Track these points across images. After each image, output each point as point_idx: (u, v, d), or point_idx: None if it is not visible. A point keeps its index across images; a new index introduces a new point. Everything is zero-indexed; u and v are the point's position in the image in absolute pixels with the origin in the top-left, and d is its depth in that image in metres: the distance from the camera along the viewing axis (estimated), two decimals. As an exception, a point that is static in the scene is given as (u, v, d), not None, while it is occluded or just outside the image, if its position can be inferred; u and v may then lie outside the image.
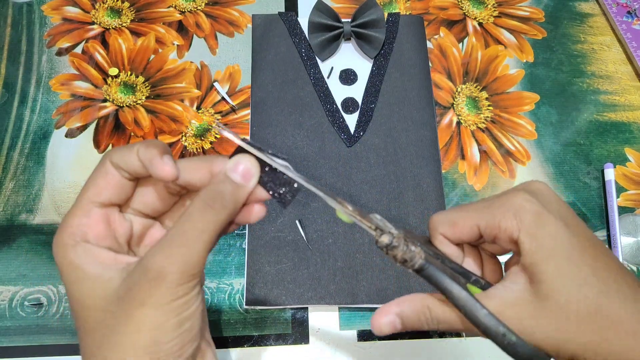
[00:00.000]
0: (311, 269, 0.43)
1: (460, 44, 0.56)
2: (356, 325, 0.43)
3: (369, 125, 0.49)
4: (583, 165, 0.50)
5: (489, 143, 0.51)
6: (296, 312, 0.43)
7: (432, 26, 0.57)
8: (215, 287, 0.44)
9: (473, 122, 0.52)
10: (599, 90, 0.54)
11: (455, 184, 0.49)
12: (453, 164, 0.50)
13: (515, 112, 0.53)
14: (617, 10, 0.58)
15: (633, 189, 0.49)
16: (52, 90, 0.52)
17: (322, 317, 0.43)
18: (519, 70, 0.55)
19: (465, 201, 0.48)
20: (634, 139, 0.52)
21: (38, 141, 0.49)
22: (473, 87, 0.54)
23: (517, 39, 0.57)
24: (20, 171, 0.48)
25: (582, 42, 0.57)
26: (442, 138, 0.51)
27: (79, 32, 0.55)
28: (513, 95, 0.54)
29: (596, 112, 0.53)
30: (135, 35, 0.55)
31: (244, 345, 0.42)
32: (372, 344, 0.42)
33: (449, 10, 0.58)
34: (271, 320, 0.42)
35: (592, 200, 0.49)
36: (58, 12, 0.56)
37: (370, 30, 0.51)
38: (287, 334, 0.42)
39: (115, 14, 0.56)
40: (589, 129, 0.52)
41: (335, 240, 0.44)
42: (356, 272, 0.43)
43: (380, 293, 0.42)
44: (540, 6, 0.59)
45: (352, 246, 0.44)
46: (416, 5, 0.58)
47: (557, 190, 0.49)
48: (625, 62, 0.56)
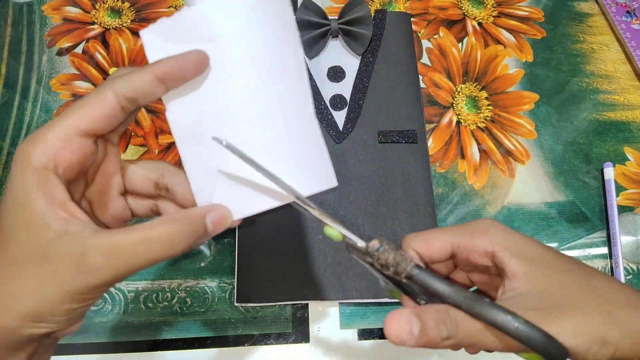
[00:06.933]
0: (301, 266, 0.43)
1: (459, 43, 0.56)
2: (356, 324, 0.43)
3: (357, 122, 0.49)
4: (582, 164, 0.50)
5: (489, 142, 0.51)
6: (297, 310, 0.43)
7: (432, 26, 0.57)
8: (216, 286, 0.44)
9: (473, 122, 0.52)
10: (598, 90, 0.54)
11: (455, 183, 0.49)
12: (453, 164, 0.50)
13: (515, 112, 0.53)
14: (616, 9, 0.58)
15: (632, 188, 0.49)
16: (53, 90, 0.52)
17: (323, 316, 0.43)
18: (518, 70, 0.55)
19: (465, 201, 0.48)
20: (633, 138, 0.52)
21: (39, 141, 0.49)
22: (473, 87, 0.54)
23: (516, 38, 0.57)
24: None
25: (581, 41, 0.57)
26: (441, 137, 0.51)
27: (80, 32, 0.55)
28: (512, 95, 0.54)
29: (595, 111, 0.53)
30: (135, 36, 0.55)
31: (244, 344, 0.42)
32: (372, 342, 0.42)
33: (448, 10, 0.58)
34: (272, 319, 0.43)
35: (592, 199, 0.49)
36: (58, 12, 0.56)
37: (357, 27, 0.52)
38: (287, 333, 0.42)
39: (115, 14, 0.56)
40: (589, 128, 0.52)
41: (325, 236, 0.44)
42: (346, 268, 0.43)
43: (371, 288, 0.42)
44: (539, 6, 0.59)
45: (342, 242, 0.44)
46: (416, 5, 0.58)
47: (557, 190, 0.49)
48: (624, 62, 0.56)
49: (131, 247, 0.22)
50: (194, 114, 0.26)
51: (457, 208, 0.48)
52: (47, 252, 0.22)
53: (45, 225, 0.22)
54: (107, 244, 0.22)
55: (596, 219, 0.48)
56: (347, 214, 0.45)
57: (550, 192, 0.49)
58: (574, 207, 0.48)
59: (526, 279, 0.24)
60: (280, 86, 0.26)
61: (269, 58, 0.26)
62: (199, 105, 0.26)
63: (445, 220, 0.47)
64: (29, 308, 0.22)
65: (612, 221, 0.47)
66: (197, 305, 0.43)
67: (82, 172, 0.25)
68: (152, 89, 0.24)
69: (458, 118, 0.52)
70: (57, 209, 0.22)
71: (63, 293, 0.22)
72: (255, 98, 0.26)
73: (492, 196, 0.48)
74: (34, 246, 0.22)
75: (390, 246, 0.24)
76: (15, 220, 0.22)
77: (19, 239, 0.22)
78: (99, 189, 0.27)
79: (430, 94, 0.53)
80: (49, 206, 0.22)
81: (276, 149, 0.26)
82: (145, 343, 0.41)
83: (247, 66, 0.25)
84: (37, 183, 0.22)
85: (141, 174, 0.28)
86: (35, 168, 0.22)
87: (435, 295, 0.23)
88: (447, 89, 0.53)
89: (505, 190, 0.49)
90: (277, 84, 0.26)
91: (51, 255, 0.22)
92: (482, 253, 0.26)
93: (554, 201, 0.48)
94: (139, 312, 0.43)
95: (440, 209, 0.47)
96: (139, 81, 0.24)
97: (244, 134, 0.26)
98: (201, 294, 0.43)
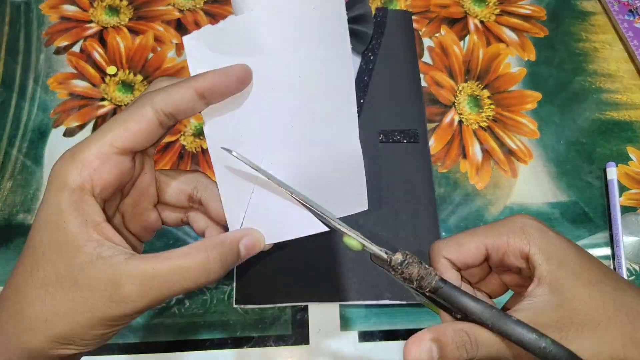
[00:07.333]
0: (301, 267, 0.42)
1: (461, 42, 0.56)
2: (357, 326, 0.42)
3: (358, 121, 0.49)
4: (585, 164, 0.50)
5: (491, 142, 0.50)
6: (296, 312, 0.43)
7: (434, 24, 0.57)
8: (215, 287, 0.43)
9: (475, 121, 0.51)
10: (601, 89, 0.54)
11: (457, 183, 0.48)
12: (455, 163, 0.49)
13: (517, 111, 0.52)
14: (618, 8, 0.58)
15: (635, 188, 0.49)
16: (50, 89, 0.51)
17: (323, 318, 0.42)
18: (520, 69, 0.55)
19: (467, 201, 0.47)
20: (636, 138, 0.51)
21: (36, 140, 0.49)
22: (475, 86, 0.53)
23: (518, 37, 0.57)
24: (17, 171, 0.48)
25: (583, 40, 0.57)
26: (443, 137, 0.50)
27: (77, 30, 0.55)
28: (515, 94, 0.53)
29: (598, 110, 0.53)
30: (133, 34, 0.54)
31: (243, 346, 0.41)
32: (373, 344, 0.42)
33: (450, 8, 0.58)
34: (271, 321, 0.42)
35: (595, 199, 0.48)
36: (56, 10, 0.56)
37: (358, 26, 0.51)
38: (287, 335, 0.42)
39: (113, 12, 0.56)
40: (591, 127, 0.52)
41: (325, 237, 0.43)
42: (347, 270, 0.42)
43: (371, 290, 0.42)
44: (542, 4, 0.59)
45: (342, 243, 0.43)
46: (417, 3, 0.58)
47: (559, 190, 0.49)
48: (627, 61, 0.56)
49: (167, 277, 0.22)
50: (232, 132, 0.25)
51: (459, 208, 0.47)
52: (79, 277, 0.22)
53: (78, 248, 0.22)
54: (142, 272, 0.22)
55: (599, 219, 0.47)
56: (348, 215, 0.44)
57: (552, 192, 0.48)
58: (577, 207, 0.48)
59: (551, 288, 0.23)
60: (327, 110, 0.25)
61: (318, 78, 0.24)
62: (239, 124, 0.25)
63: (447, 221, 0.47)
64: (59, 332, 0.22)
65: (614, 221, 0.46)
66: (195, 307, 0.42)
67: (119, 189, 0.25)
68: (192, 104, 0.23)
69: (460, 117, 0.51)
70: (91, 230, 0.22)
71: (94, 320, 0.22)
72: (299, 121, 0.24)
73: (494, 196, 0.48)
74: (66, 268, 0.22)
75: (414, 259, 0.24)
76: (49, 240, 0.22)
77: (52, 259, 0.22)
78: (134, 202, 0.27)
79: (432, 92, 0.53)
80: (82, 228, 0.22)
81: (315, 174, 0.25)
82: (143, 345, 0.41)
83: (294, 87, 0.24)
84: (72, 204, 0.22)
85: (176, 187, 0.28)
86: (72, 189, 0.22)
87: (459, 309, 0.23)
88: (448, 87, 0.53)
89: (507, 190, 0.48)
90: (323, 107, 0.25)
91: (83, 281, 0.21)
92: (518, 254, 0.24)
93: (556, 201, 0.48)
94: (137, 313, 0.42)
95: (442, 210, 0.47)
96: (179, 97, 0.23)
97: (284, 156, 0.25)
98: (200, 295, 0.43)
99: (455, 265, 0.26)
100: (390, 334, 0.42)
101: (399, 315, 0.42)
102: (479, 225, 0.46)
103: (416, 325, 0.42)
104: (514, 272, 0.27)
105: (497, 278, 0.28)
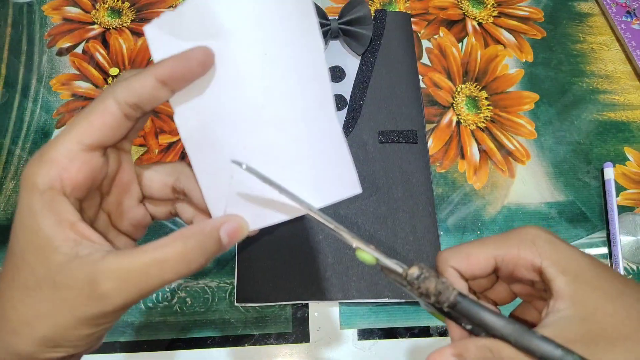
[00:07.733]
0: (301, 265, 0.43)
1: (459, 43, 0.56)
2: (356, 324, 0.43)
3: (357, 122, 0.49)
4: (583, 164, 0.50)
5: (489, 142, 0.51)
6: (297, 311, 0.43)
7: (432, 26, 0.57)
8: (216, 286, 0.44)
9: (473, 122, 0.52)
10: (598, 90, 0.54)
11: (455, 183, 0.49)
12: (453, 164, 0.50)
13: (515, 112, 0.53)
14: (616, 10, 0.58)
15: (633, 188, 0.49)
16: (53, 90, 0.52)
17: (323, 316, 0.43)
18: (518, 70, 0.55)
19: (466, 201, 0.48)
20: (633, 138, 0.52)
21: (39, 141, 0.49)
22: (473, 87, 0.54)
23: (516, 38, 0.57)
24: (21, 171, 0.48)
25: (581, 41, 0.57)
26: (441, 138, 0.51)
27: (80, 32, 0.55)
28: (513, 95, 0.54)
29: (596, 111, 0.53)
30: (135, 35, 0.55)
31: (244, 344, 0.42)
32: (372, 342, 0.42)
33: (448, 10, 0.58)
34: (272, 319, 0.43)
35: (592, 199, 0.49)
36: (58, 12, 0.56)
37: (357, 27, 0.52)
38: (287, 333, 0.42)
39: (115, 14, 0.56)
40: (589, 128, 0.52)
41: (325, 236, 0.44)
42: (346, 268, 0.43)
43: (371, 288, 0.42)
44: (539, 6, 0.59)
45: (342, 242, 0.44)
46: (416, 5, 0.58)
47: (557, 190, 0.49)
48: (624, 62, 0.56)
49: (144, 270, 0.21)
50: (203, 117, 0.24)
51: (458, 208, 0.48)
52: (57, 278, 0.21)
53: (55, 249, 0.21)
54: (118, 268, 0.21)
55: (596, 219, 0.48)
56: (348, 214, 0.45)
57: (550, 192, 0.49)
58: (574, 207, 0.48)
59: (572, 301, 0.22)
60: (297, 85, 0.24)
61: (284, 55, 0.23)
62: (209, 108, 0.24)
63: (445, 221, 0.47)
64: (44, 334, 0.21)
65: (612, 221, 0.47)
66: (197, 305, 0.43)
67: (93, 187, 0.24)
68: (155, 92, 0.23)
69: (458, 118, 0.52)
70: (67, 230, 0.22)
71: (75, 319, 0.21)
72: (270, 100, 0.24)
73: (492, 196, 0.48)
74: (44, 270, 0.21)
75: (431, 273, 0.23)
76: (26, 243, 0.22)
77: (30, 262, 0.22)
78: (117, 200, 0.26)
79: (430, 94, 0.53)
80: (57, 229, 0.21)
81: (294, 155, 0.24)
82: (145, 343, 0.41)
83: (260, 65, 0.23)
84: (44, 205, 0.21)
85: (158, 180, 0.27)
86: (42, 190, 0.21)
87: (480, 325, 0.22)
88: (447, 89, 0.53)
89: (505, 190, 0.49)
90: (293, 83, 0.24)
91: (61, 281, 0.21)
92: (530, 267, 0.24)
93: (554, 201, 0.48)
94: (138, 312, 0.43)
95: (441, 209, 0.47)
96: (140, 86, 0.22)
97: (258, 139, 0.24)
98: (201, 294, 0.43)
99: (463, 276, 0.25)
100: (389, 331, 0.42)
101: (398, 313, 0.43)
102: (478, 224, 0.47)
103: (415, 323, 0.43)
104: (524, 283, 0.26)
105: (505, 287, 0.27)
